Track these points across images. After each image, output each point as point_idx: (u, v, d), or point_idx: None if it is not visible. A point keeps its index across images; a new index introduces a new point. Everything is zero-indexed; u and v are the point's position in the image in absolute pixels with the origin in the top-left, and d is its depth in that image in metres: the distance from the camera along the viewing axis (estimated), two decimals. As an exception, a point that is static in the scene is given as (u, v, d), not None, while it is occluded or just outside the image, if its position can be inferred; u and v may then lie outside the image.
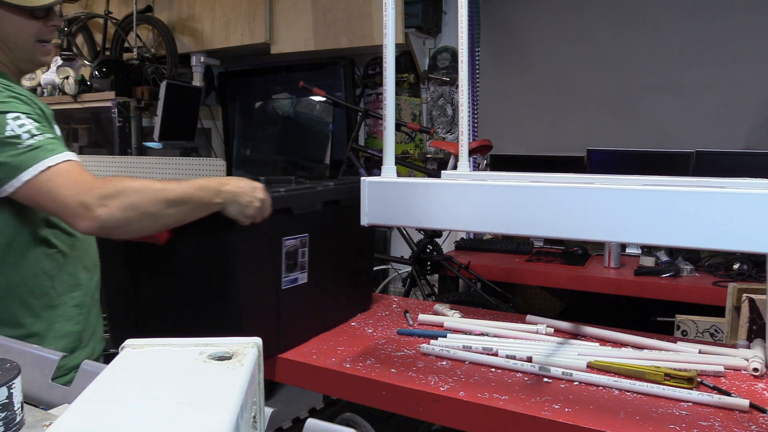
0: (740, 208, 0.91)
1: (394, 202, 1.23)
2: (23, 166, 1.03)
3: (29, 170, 1.03)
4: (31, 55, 1.20)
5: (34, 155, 1.04)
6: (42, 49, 1.21)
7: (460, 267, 2.49)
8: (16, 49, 1.18)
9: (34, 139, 1.05)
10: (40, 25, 1.18)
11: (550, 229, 1.07)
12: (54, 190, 1.03)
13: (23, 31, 1.17)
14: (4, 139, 1.03)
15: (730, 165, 2.54)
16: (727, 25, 2.69)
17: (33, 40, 1.19)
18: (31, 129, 1.05)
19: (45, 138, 1.06)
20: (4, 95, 1.08)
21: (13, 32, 1.16)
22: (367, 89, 3.59)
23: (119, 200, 1.04)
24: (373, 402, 1.24)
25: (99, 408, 0.42)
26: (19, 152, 1.03)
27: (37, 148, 1.04)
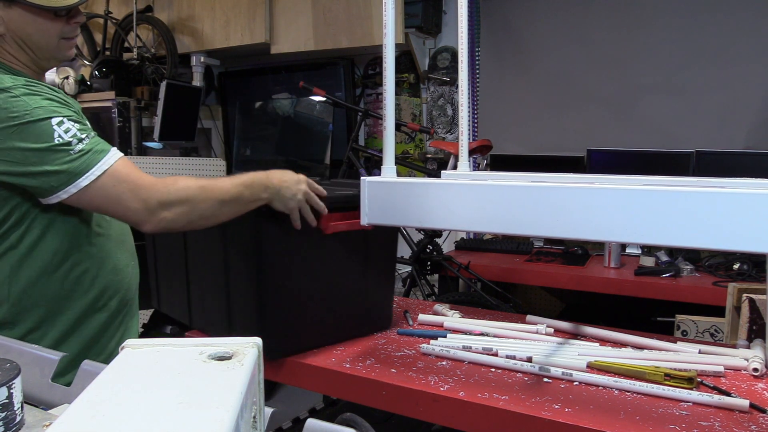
0: (740, 208, 0.91)
1: (394, 202, 1.23)
2: (80, 171, 1.04)
3: (86, 176, 1.04)
4: (55, 53, 1.19)
5: (88, 160, 1.05)
6: (66, 44, 1.19)
7: (460, 267, 2.49)
8: (39, 48, 1.16)
9: (83, 143, 1.05)
10: (63, 23, 1.16)
11: (550, 229, 1.07)
12: (117, 194, 1.06)
13: (47, 30, 1.15)
14: (55, 147, 1.03)
15: (730, 165, 2.54)
16: (727, 25, 2.69)
17: (57, 38, 1.17)
18: (77, 133, 1.05)
19: (91, 139, 1.07)
20: (41, 99, 1.06)
21: (36, 32, 1.14)
22: (367, 89, 3.59)
23: (181, 205, 1.09)
24: (373, 402, 1.24)
25: (99, 408, 0.42)
26: (72, 158, 1.03)
27: (89, 152, 1.05)
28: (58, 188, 1.04)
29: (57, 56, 1.19)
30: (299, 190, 1.23)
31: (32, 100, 1.04)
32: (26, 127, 1.02)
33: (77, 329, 1.17)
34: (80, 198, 1.06)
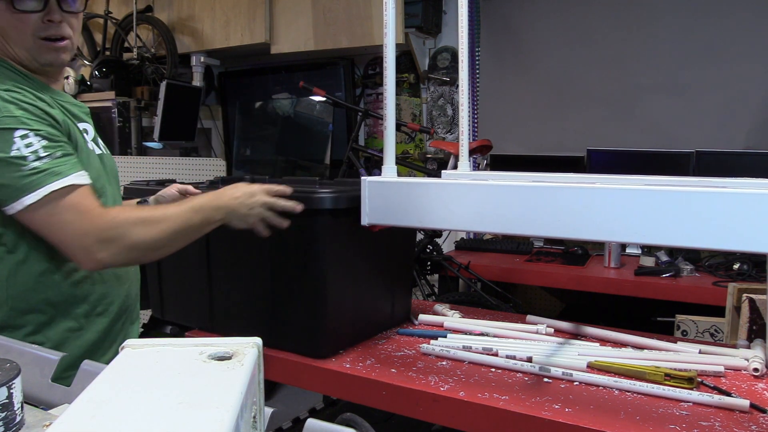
0: (740, 208, 0.91)
1: (394, 202, 1.23)
2: (26, 189, 0.99)
3: (31, 195, 0.99)
4: (34, 54, 1.11)
5: (38, 179, 1.00)
6: (45, 46, 1.11)
7: (460, 267, 2.49)
8: (20, 48, 1.10)
9: (41, 161, 1.00)
10: (36, 20, 1.08)
11: (550, 229, 1.07)
12: (56, 225, 1.01)
13: (17, 27, 1.08)
14: (8, 159, 0.99)
15: (730, 165, 2.54)
16: (727, 25, 2.69)
17: (33, 37, 1.09)
18: (38, 150, 1.00)
19: (52, 160, 1.01)
20: (15, 108, 1.02)
21: (9, 28, 1.08)
22: (367, 89, 3.59)
23: (120, 243, 1.04)
24: (373, 402, 1.24)
25: (99, 408, 0.42)
26: (23, 174, 0.99)
27: (42, 172, 1.00)
28: (5, 202, 1.01)
29: (38, 59, 1.12)
30: (256, 203, 1.18)
31: (4, 108, 1.01)
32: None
33: (78, 334, 1.16)
34: (24, 217, 1.02)
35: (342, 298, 1.37)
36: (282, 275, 1.37)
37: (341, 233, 1.33)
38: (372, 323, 1.50)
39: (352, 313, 1.42)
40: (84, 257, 1.03)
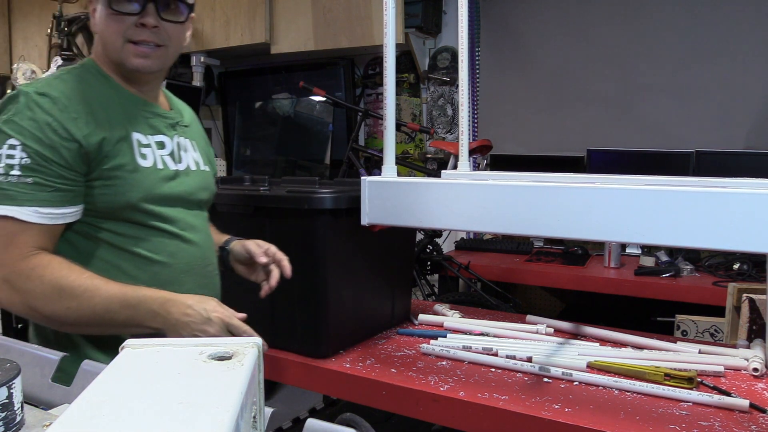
0: (740, 208, 0.91)
1: (394, 202, 1.23)
2: None
3: None
4: (121, 56, 1.06)
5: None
6: (131, 50, 1.06)
7: (460, 267, 2.49)
8: (109, 50, 1.07)
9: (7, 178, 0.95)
10: (130, 23, 1.05)
11: (550, 229, 1.07)
12: None
13: (111, 27, 1.05)
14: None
15: (730, 165, 2.54)
16: (727, 24, 2.69)
17: (122, 40, 1.05)
18: (15, 165, 0.95)
19: (18, 183, 0.95)
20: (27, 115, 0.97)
21: (105, 29, 1.06)
22: (367, 89, 3.59)
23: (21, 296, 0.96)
24: (373, 402, 1.24)
25: (99, 408, 0.42)
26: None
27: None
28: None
29: (125, 63, 1.07)
30: (206, 330, 0.98)
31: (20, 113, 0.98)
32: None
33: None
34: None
35: (342, 297, 1.37)
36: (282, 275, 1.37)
37: (341, 233, 1.33)
38: (372, 323, 1.50)
39: (352, 313, 1.42)
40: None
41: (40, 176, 0.97)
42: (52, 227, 0.99)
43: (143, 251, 1.08)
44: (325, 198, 1.28)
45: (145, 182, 1.07)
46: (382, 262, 1.50)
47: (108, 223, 1.05)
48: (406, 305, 1.63)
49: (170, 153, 1.14)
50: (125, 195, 1.04)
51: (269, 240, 1.24)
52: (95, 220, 1.04)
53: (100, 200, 1.03)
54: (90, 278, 0.98)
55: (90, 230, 1.05)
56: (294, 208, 1.31)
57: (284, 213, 1.34)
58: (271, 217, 1.35)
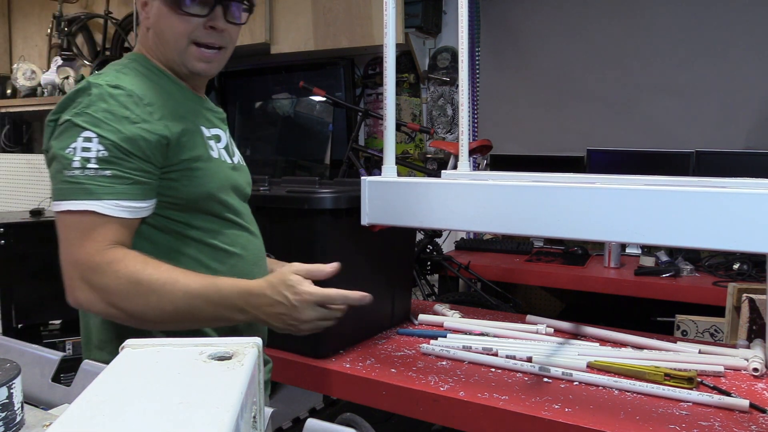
0: (740, 208, 0.91)
1: (394, 202, 1.23)
2: (55, 194, 0.94)
3: (56, 203, 0.93)
4: (183, 58, 1.04)
5: (67, 190, 0.92)
6: (196, 52, 1.04)
7: (460, 267, 2.49)
8: (169, 49, 1.05)
9: (84, 171, 0.91)
10: (198, 24, 1.03)
11: (550, 229, 1.07)
12: (61, 242, 0.94)
13: (176, 28, 1.03)
14: (60, 154, 0.92)
15: (730, 165, 2.54)
16: (727, 24, 2.69)
17: (187, 41, 1.03)
18: (91, 158, 0.91)
19: (96, 176, 0.91)
20: (101, 106, 0.93)
21: (167, 29, 1.03)
22: (367, 89, 3.59)
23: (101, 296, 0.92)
24: (373, 402, 1.24)
25: (99, 408, 0.42)
26: (60, 178, 0.92)
27: (76, 184, 0.91)
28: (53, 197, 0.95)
29: (187, 65, 1.05)
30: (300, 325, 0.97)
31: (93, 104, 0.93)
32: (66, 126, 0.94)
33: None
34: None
35: None
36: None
37: (341, 233, 1.33)
38: (372, 323, 1.50)
39: (352, 313, 1.41)
40: (67, 288, 0.94)
41: (119, 169, 0.93)
42: (130, 221, 0.96)
43: (221, 243, 1.06)
44: (325, 198, 1.28)
45: (219, 173, 1.06)
46: (382, 262, 1.50)
47: (186, 216, 1.02)
48: (406, 305, 1.63)
49: (225, 147, 1.13)
50: (206, 185, 1.03)
51: (269, 240, 1.24)
52: (174, 213, 1.02)
53: (181, 192, 1.00)
54: (168, 270, 0.94)
55: (168, 224, 1.02)
56: (294, 208, 1.32)
57: (284, 213, 1.34)
58: (271, 217, 1.34)
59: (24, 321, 2.42)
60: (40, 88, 4.00)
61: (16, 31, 4.48)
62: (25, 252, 2.38)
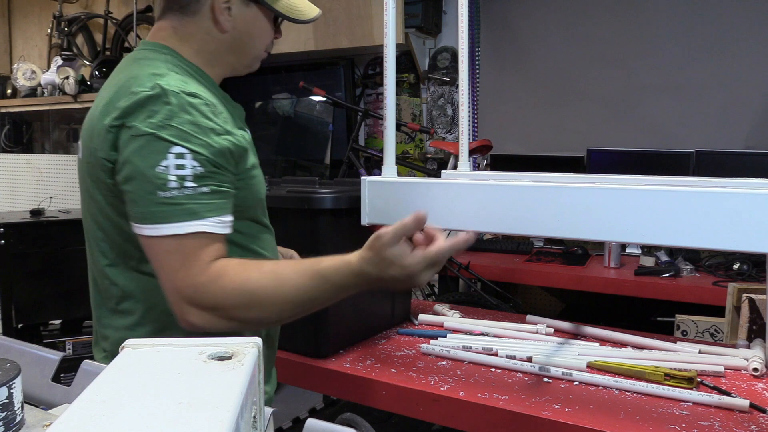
0: (740, 208, 0.91)
1: (394, 202, 1.23)
2: (150, 217, 0.85)
3: (152, 227, 0.85)
4: (252, 63, 1.08)
5: (167, 212, 0.85)
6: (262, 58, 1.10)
7: (460, 267, 2.49)
8: (246, 55, 1.06)
9: (182, 191, 0.85)
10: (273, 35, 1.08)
11: (550, 229, 1.07)
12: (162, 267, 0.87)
13: (265, 38, 1.06)
14: (150, 174, 0.84)
15: (730, 165, 2.54)
16: (727, 24, 2.69)
17: (262, 48, 1.07)
18: (187, 176, 0.85)
19: (195, 194, 0.86)
20: (186, 118, 0.87)
21: (258, 37, 1.05)
22: (367, 89, 3.59)
23: (221, 315, 0.88)
24: (373, 402, 1.24)
25: (99, 408, 0.42)
26: (155, 200, 0.85)
27: (176, 205, 0.85)
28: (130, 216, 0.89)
29: (252, 66, 1.09)
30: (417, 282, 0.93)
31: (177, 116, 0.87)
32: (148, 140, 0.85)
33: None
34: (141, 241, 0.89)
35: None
36: None
37: (341, 233, 1.33)
38: (372, 323, 1.50)
39: (352, 313, 1.42)
40: (177, 314, 0.89)
41: (214, 183, 0.88)
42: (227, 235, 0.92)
43: (258, 248, 1.05)
44: (325, 198, 1.28)
45: (263, 178, 1.06)
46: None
47: (235, 223, 0.96)
48: (406, 305, 1.63)
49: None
50: (260, 192, 1.03)
51: None
52: None
53: (238, 200, 0.96)
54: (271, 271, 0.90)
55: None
56: (294, 208, 1.32)
57: (284, 213, 1.34)
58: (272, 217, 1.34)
59: (24, 321, 2.42)
60: (40, 88, 4.00)
61: (16, 31, 4.48)
62: (25, 252, 2.38)
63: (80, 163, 1.00)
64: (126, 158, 0.86)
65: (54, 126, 4.48)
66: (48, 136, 4.56)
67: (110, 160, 0.89)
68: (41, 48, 4.31)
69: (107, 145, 0.89)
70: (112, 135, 0.88)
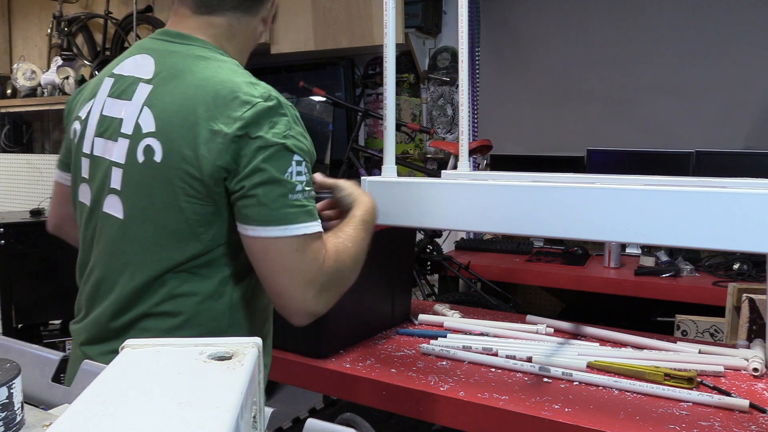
0: (740, 208, 0.91)
1: (394, 202, 1.23)
2: (279, 219, 0.88)
3: (281, 227, 0.88)
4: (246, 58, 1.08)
5: (294, 214, 0.89)
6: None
7: (460, 267, 2.49)
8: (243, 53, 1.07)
9: (302, 195, 0.90)
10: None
11: (550, 229, 1.07)
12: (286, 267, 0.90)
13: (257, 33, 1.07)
14: (279, 179, 0.88)
15: (730, 165, 2.54)
16: (727, 24, 2.69)
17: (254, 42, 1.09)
18: (303, 182, 0.91)
19: (308, 198, 0.92)
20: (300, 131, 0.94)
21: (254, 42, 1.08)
22: (367, 89, 3.59)
23: (334, 292, 0.96)
24: (373, 402, 1.24)
25: (99, 408, 0.42)
26: (285, 202, 0.89)
27: (301, 207, 0.90)
28: (247, 219, 0.90)
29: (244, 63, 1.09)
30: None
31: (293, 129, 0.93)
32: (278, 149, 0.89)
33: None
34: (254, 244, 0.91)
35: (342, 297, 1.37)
36: None
37: None
38: (372, 323, 1.50)
39: (353, 313, 1.42)
40: (298, 310, 0.93)
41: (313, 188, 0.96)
42: None
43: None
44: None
45: None
46: (382, 262, 1.50)
47: None
48: (406, 305, 1.63)
49: None
50: None
51: None
52: None
53: None
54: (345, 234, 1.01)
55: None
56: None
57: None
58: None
59: (24, 321, 2.42)
60: (40, 88, 4.00)
61: (16, 31, 4.48)
62: (25, 252, 2.39)
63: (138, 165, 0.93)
64: (256, 166, 0.89)
65: (54, 126, 4.48)
66: (48, 137, 4.56)
67: (228, 168, 0.89)
68: (41, 48, 4.31)
69: (228, 155, 0.89)
70: (235, 145, 0.89)
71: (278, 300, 0.93)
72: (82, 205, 1.02)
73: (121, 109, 0.95)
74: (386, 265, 1.52)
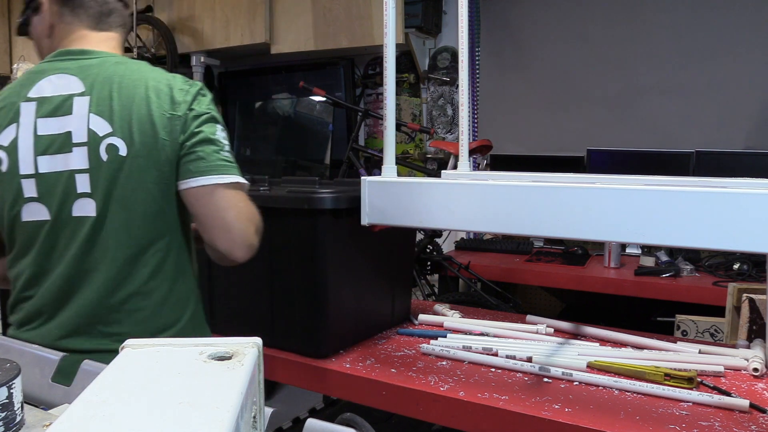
0: (740, 208, 0.91)
1: (394, 202, 1.23)
2: (219, 169, 1.04)
3: (222, 176, 1.04)
4: None
5: (228, 167, 1.05)
6: None
7: (460, 267, 2.49)
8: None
9: (228, 153, 1.07)
10: None
11: (550, 229, 1.07)
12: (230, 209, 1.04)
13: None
14: (213, 138, 1.05)
15: (730, 165, 2.54)
16: (727, 24, 2.69)
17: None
18: (226, 145, 1.08)
19: (231, 156, 1.08)
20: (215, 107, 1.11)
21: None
22: (367, 89, 3.59)
23: (260, 237, 1.09)
24: (373, 402, 1.24)
25: (99, 408, 0.42)
26: (220, 157, 1.05)
27: (231, 162, 1.06)
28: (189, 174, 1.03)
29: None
30: None
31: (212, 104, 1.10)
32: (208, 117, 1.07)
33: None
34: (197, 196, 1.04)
35: (342, 297, 1.37)
36: (282, 275, 1.37)
37: (341, 233, 1.33)
38: (372, 323, 1.50)
39: (353, 313, 1.42)
40: (244, 243, 1.05)
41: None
42: None
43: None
44: (325, 198, 1.28)
45: None
46: (382, 262, 1.50)
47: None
48: (406, 305, 1.63)
49: None
50: None
51: (269, 240, 1.24)
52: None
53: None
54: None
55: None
56: (294, 208, 1.32)
57: (284, 213, 1.34)
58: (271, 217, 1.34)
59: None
60: (40, 88, 3.99)
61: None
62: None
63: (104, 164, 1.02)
64: (194, 130, 1.05)
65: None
66: (48, 136, 4.55)
67: (182, 142, 1.04)
68: (41, 48, 4.31)
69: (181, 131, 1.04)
70: (184, 122, 1.04)
71: (226, 234, 1.04)
72: (33, 224, 1.05)
73: (64, 125, 1.02)
74: (386, 265, 1.52)
